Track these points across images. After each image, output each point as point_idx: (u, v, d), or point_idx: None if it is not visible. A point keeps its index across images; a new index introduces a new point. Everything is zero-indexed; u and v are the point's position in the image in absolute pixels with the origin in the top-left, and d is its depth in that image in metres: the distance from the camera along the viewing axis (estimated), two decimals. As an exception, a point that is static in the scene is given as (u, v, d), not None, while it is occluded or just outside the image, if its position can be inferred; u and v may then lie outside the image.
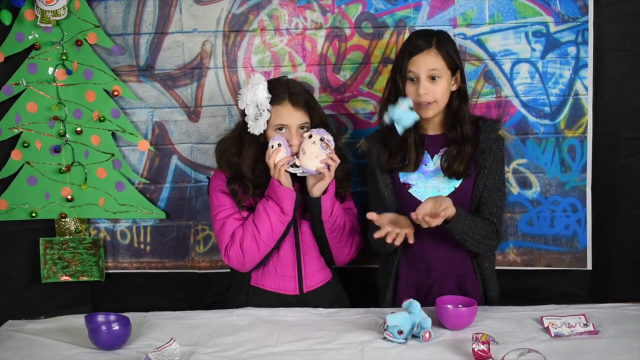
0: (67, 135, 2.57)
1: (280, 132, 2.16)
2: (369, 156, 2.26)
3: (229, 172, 2.23)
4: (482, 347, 1.70)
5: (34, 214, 2.61)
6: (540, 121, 2.50)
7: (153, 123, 2.59)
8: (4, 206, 2.60)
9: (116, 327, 1.86)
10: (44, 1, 2.45)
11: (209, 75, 2.55)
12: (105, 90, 2.55)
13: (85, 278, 2.67)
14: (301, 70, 2.53)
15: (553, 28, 2.45)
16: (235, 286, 2.31)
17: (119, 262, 2.67)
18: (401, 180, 2.20)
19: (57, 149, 2.57)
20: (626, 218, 2.52)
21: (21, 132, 2.57)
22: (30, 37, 2.51)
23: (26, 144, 2.55)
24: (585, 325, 1.88)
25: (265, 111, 2.13)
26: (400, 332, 1.84)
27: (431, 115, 2.13)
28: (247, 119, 2.16)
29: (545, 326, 1.90)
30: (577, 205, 2.52)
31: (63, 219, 2.63)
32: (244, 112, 2.17)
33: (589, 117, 2.48)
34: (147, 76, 2.56)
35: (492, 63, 2.48)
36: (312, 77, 2.54)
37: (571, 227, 2.53)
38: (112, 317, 1.90)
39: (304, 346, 1.86)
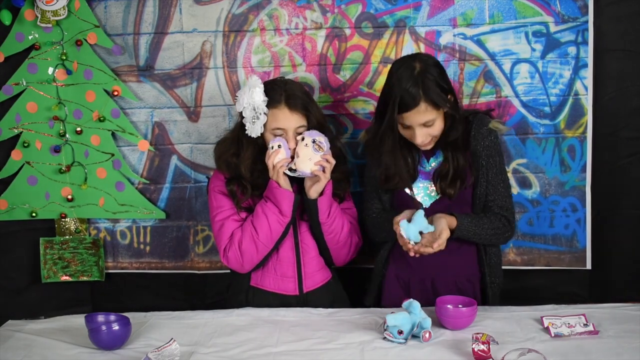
0: (67, 135, 2.57)
1: (277, 135, 2.16)
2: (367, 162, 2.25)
3: (228, 173, 2.23)
4: (482, 347, 1.70)
5: (34, 214, 2.61)
6: (540, 121, 2.50)
7: (153, 123, 2.59)
8: (4, 206, 2.60)
9: (116, 327, 1.86)
10: (44, 1, 2.45)
11: (209, 75, 2.55)
12: (105, 90, 2.55)
13: (85, 278, 2.68)
14: (301, 70, 2.53)
15: (553, 28, 2.45)
16: (235, 286, 2.31)
17: (119, 262, 2.68)
18: None
19: (57, 149, 2.57)
20: (626, 218, 2.52)
21: (21, 132, 2.57)
22: (30, 37, 2.51)
23: (26, 144, 2.55)
24: (585, 325, 1.88)
25: (262, 114, 2.13)
26: (400, 332, 1.84)
27: (430, 147, 2.11)
28: (245, 121, 2.16)
29: (545, 326, 1.90)
30: (577, 205, 2.52)
31: (63, 219, 2.63)
32: (242, 114, 2.17)
33: (589, 117, 2.48)
34: (147, 76, 2.56)
35: (492, 63, 2.48)
36: (312, 77, 2.54)
37: (571, 227, 2.54)
38: (112, 317, 1.90)
39: (304, 346, 1.86)
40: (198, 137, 2.59)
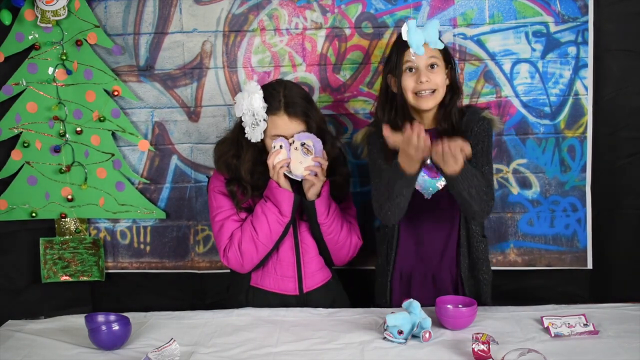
0: (67, 135, 2.57)
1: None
2: (370, 152, 2.23)
3: (228, 174, 2.23)
4: (482, 347, 1.70)
5: (34, 214, 2.61)
6: (540, 121, 2.50)
7: (153, 123, 2.59)
8: (4, 206, 2.60)
9: (116, 327, 1.86)
10: (44, 1, 2.45)
11: (209, 75, 2.55)
12: (105, 90, 2.55)
13: (85, 278, 2.67)
14: (301, 70, 2.53)
15: (553, 28, 2.45)
16: (235, 286, 2.31)
17: (119, 262, 2.68)
18: None
19: (57, 149, 2.57)
20: (626, 218, 2.52)
21: (21, 132, 2.56)
22: (30, 37, 2.51)
23: (26, 144, 2.55)
24: (585, 325, 1.88)
25: (262, 121, 2.13)
26: (400, 332, 1.84)
27: (431, 105, 2.11)
28: (244, 125, 2.16)
29: (545, 326, 1.90)
30: (577, 205, 2.52)
31: (63, 219, 2.63)
32: (241, 118, 2.17)
33: (589, 117, 2.48)
34: (147, 76, 2.56)
35: (492, 63, 2.48)
36: (312, 77, 2.54)
37: (571, 227, 2.54)
38: (112, 317, 1.90)
39: (304, 346, 1.86)
40: (198, 137, 2.59)
